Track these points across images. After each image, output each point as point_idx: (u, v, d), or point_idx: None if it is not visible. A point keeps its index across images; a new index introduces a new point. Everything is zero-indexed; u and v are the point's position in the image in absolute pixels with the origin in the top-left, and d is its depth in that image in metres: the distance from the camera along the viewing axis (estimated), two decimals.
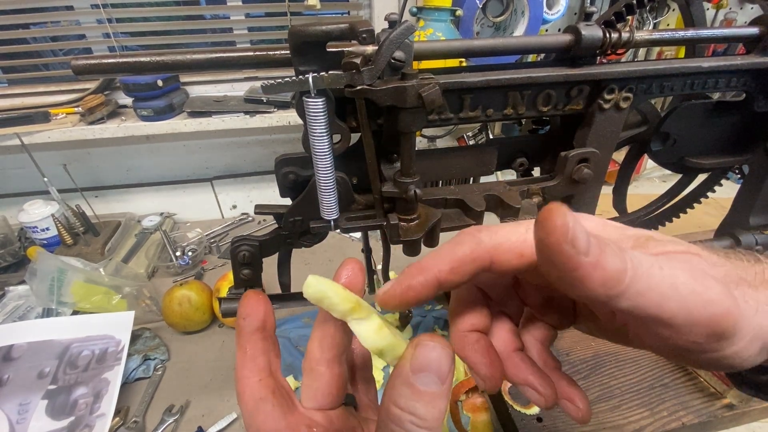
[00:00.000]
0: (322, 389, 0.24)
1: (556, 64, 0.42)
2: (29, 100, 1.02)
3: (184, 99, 1.02)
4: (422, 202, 0.46)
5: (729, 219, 0.60)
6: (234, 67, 0.37)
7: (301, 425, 0.22)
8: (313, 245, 0.46)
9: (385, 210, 0.44)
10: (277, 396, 0.22)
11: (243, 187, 1.16)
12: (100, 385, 0.58)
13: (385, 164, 0.44)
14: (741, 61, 0.44)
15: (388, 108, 0.36)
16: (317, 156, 0.36)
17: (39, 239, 0.91)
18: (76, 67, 0.34)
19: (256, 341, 0.23)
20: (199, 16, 1.09)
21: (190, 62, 0.35)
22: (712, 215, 1.00)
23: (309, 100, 0.34)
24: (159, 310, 0.74)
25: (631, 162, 0.58)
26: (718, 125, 0.52)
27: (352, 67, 0.33)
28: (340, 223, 0.43)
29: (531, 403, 0.57)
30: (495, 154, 0.48)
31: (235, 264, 0.46)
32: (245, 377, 0.22)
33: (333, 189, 0.39)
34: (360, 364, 0.28)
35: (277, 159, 0.42)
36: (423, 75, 0.35)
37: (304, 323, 0.73)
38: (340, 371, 0.24)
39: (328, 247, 0.95)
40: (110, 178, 1.11)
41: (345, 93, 0.35)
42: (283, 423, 0.22)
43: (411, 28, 0.33)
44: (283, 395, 0.23)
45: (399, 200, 0.42)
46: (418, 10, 0.91)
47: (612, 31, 0.40)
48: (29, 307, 0.75)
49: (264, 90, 0.33)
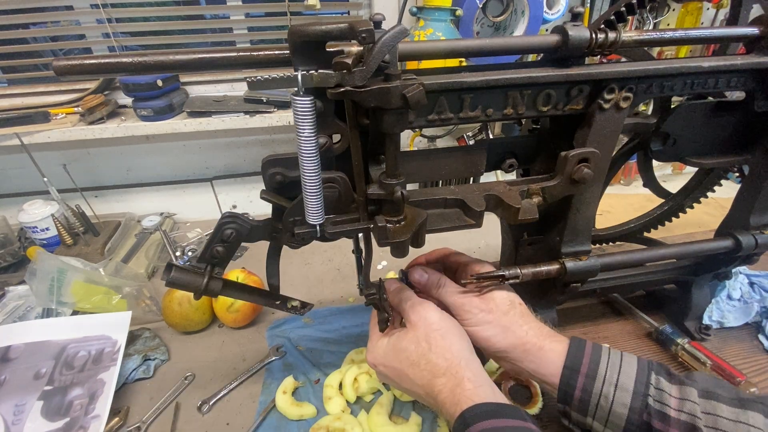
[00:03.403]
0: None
1: (556, 64, 0.42)
2: (29, 100, 1.02)
3: (184, 99, 1.02)
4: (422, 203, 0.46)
5: (729, 219, 0.60)
6: (233, 67, 0.36)
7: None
8: (298, 247, 0.46)
9: (370, 212, 0.43)
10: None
11: (243, 187, 1.16)
12: (95, 386, 0.58)
13: (373, 165, 0.44)
14: (741, 61, 0.44)
15: (374, 109, 0.36)
16: (303, 157, 0.36)
17: (39, 239, 0.91)
18: (57, 68, 0.34)
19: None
20: (199, 16, 1.09)
21: (173, 62, 0.35)
22: (712, 215, 1.00)
23: (297, 98, 0.34)
24: (159, 310, 0.74)
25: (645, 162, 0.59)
26: (718, 125, 0.52)
27: (343, 67, 0.33)
28: (326, 228, 0.43)
29: (531, 402, 0.57)
30: (484, 155, 0.48)
31: (215, 236, 0.45)
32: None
33: (319, 192, 0.39)
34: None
35: (264, 159, 0.42)
36: (406, 76, 0.35)
37: (304, 323, 0.73)
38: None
39: (328, 247, 0.95)
40: (110, 178, 1.11)
41: (328, 94, 0.35)
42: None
43: (404, 31, 0.33)
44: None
45: (385, 202, 0.41)
46: (418, 9, 0.91)
47: (599, 32, 0.40)
48: (29, 307, 0.75)
49: (250, 86, 0.33)
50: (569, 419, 0.46)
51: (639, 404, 0.41)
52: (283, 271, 0.52)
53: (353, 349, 0.66)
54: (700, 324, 0.66)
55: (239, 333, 0.72)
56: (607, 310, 0.72)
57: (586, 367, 0.43)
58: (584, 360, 0.43)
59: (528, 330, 0.47)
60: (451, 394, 0.41)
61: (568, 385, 0.43)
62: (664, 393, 0.41)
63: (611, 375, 0.42)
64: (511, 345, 0.46)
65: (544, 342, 0.46)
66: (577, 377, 0.43)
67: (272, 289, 0.54)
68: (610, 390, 0.41)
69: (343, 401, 0.58)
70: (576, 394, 0.43)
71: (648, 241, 0.72)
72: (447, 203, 0.47)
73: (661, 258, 0.60)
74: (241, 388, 0.62)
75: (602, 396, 0.42)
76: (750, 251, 0.57)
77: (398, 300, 0.49)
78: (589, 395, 0.42)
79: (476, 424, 0.37)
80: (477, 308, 0.47)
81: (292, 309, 0.56)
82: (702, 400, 0.40)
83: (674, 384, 0.41)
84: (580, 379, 0.43)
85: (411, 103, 0.34)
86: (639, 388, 0.41)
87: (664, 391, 0.41)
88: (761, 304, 0.67)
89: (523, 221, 0.45)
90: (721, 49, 0.54)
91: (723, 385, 0.42)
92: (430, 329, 0.44)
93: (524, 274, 0.50)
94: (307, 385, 0.61)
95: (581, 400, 0.43)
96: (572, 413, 0.44)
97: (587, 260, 0.52)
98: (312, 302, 0.57)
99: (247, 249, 0.96)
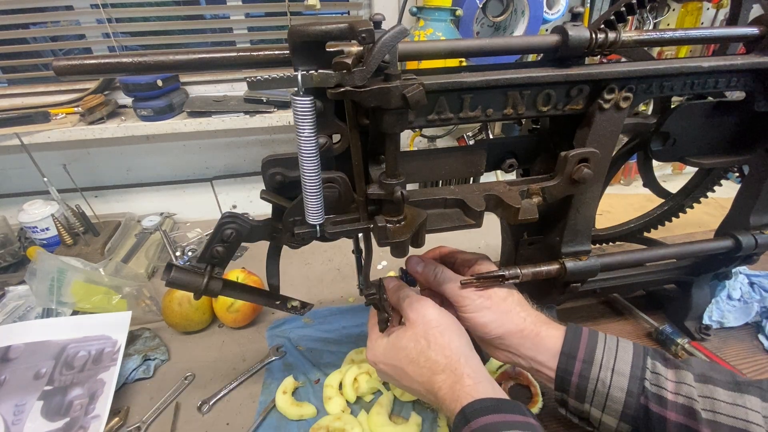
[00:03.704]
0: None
1: (556, 64, 0.42)
2: (29, 100, 1.02)
3: (184, 99, 1.02)
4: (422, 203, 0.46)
5: (729, 219, 0.60)
6: (234, 67, 0.36)
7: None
8: (298, 247, 0.46)
9: (370, 212, 0.43)
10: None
11: (243, 187, 1.16)
12: (95, 386, 0.58)
13: (373, 165, 0.44)
14: (741, 61, 0.44)
15: (374, 109, 0.35)
16: (303, 157, 0.36)
17: (39, 239, 0.91)
18: (57, 68, 0.34)
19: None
20: (199, 16, 1.09)
21: (173, 62, 0.35)
22: (712, 215, 1.00)
23: (297, 98, 0.33)
24: (159, 310, 0.74)
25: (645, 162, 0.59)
26: (718, 125, 0.52)
27: (343, 67, 0.33)
28: (326, 228, 0.43)
29: (531, 402, 0.57)
30: (484, 155, 0.48)
31: (215, 236, 0.45)
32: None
33: (319, 192, 0.39)
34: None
35: (264, 159, 0.42)
36: (406, 76, 0.35)
37: (304, 323, 0.73)
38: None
39: (328, 247, 0.95)
40: (110, 178, 1.11)
41: (328, 94, 0.35)
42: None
43: (404, 31, 0.33)
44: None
45: (385, 202, 0.41)
46: (418, 9, 0.91)
47: (599, 32, 0.40)
48: (29, 307, 0.75)
49: (250, 86, 0.33)
50: (566, 407, 0.46)
51: (636, 388, 0.41)
52: (283, 271, 0.53)
53: (353, 349, 0.66)
54: (700, 324, 0.66)
55: (239, 333, 0.72)
56: (607, 310, 0.72)
57: (582, 352, 0.43)
58: (581, 346, 0.44)
59: (525, 317, 0.47)
60: (451, 391, 0.41)
61: (566, 371, 0.43)
62: (660, 377, 0.41)
63: (608, 360, 0.42)
64: (509, 331, 0.46)
65: (541, 328, 0.46)
66: (575, 363, 0.43)
67: (272, 289, 0.54)
68: (607, 375, 0.42)
69: (343, 401, 0.58)
70: (573, 380, 0.43)
71: (648, 241, 0.72)
72: (447, 203, 0.47)
73: (661, 258, 0.60)
74: (241, 388, 0.62)
75: (599, 381, 0.42)
76: (750, 251, 0.57)
77: (397, 298, 0.49)
78: (587, 381, 0.42)
79: (476, 419, 0.37)
80: (475, 294, 0.48)
81: (292, 309, 0.56)
82: (698, 384, 0.40)
83: (670, 368, 0.42)
84: (578, 364, 0.43)
85: (411, 103, 0.34)
86: (635, 372, 0.41)
87: (660, 375, 0.41)
88: (761, 304, 0.67)
89: (523, 221, 0.45)
90: (721, 49, 0.54)
91: (718, 369, 0.42)
92: (428, 326, 0.45)
93: (524, 274, 0.50)
94: (307, 385, 0.61)
95: (578, 386, 0.43)
96: (569, 400, 0.44)
97: (587, 260, 0.52)
98: (312, 302, 0.57)
99: (247, 249, 0.96)
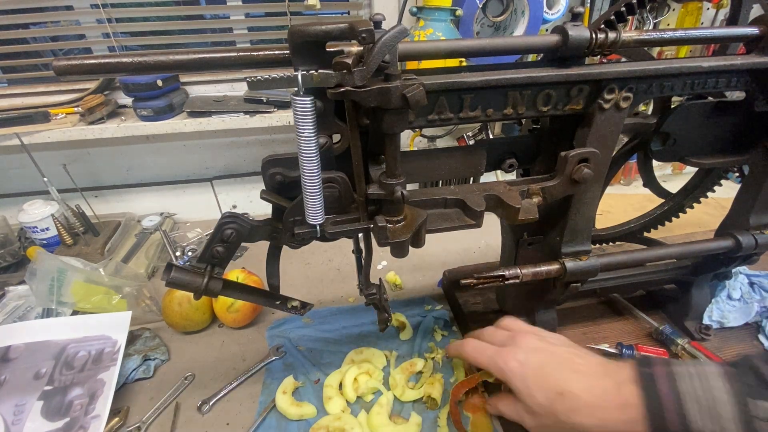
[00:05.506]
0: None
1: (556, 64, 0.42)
2: (29, 100, 1.02)
3: (184, 99, 1.02)
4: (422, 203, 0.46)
5: (729, 219, 0.60)
6: (233, 67, 0.36)
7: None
8: (298, 247, 0.46)
9: (370, 212, 0.43)
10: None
11: (243, 187, 1.16)
12: (95, 386, 0.58)
13: (373, 165, 0.44)
14: (741, 61, 0.44)
15: (374, 109, 0.35)
16: (303, 157, 0.36)
17: (39, 239, 0.91)
18: (57, 68, 0.34)
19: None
20: (199, 16, 1.09)
21: (173, 62, 0.35)
22: (712, 215, 1.00)
23: (297, 98, 0.33)
24: (159, 310, 0.74)
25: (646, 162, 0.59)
26: (718, 125, 0.52)
27: (343, 67, 0.33)
28: (326, 228, 0.43)
29: None
30: (484, 155, 0.48)
31: (215, 236, 0.45)
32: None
33: (319, 192, 0.39)
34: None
35: (264, 159, 0.42)
36: (406, 76, 0.35)
37: (304, 323, 0.73)
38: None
39: (328, 247, 0.95)
40: (110, 178, 1.10)
41: (328, 94, 0.35)
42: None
43: (404, 31, 0.33)
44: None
45: (385, 202, 0.41)
46: (418, 9, 0.91)
47: (599, 32, 0.40)
48: (29, 307, 0.75)
49: (250, 86, 0.33)
50: None
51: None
52: (283, 271, 0.52)
53: (353, 349, 0.66)
54: (700, 324, 0.66)
55: (239, 333, 0.72)
56: (607, 310, 0.72)
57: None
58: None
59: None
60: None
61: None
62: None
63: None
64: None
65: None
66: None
67: (272, 289, 0.54)
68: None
69: (343, 401, 0.58)
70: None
71: (648, 241, 0.72)
72: (447, 203, 0.47)
73: (661, 258, 0.60)
74: (241, 388, 0.62)
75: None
76: (750, 251, 0.57)
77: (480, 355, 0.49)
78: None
79: (655, 366, 0.38)
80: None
81: (292, 309, 0.56)
82: None
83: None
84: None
85: (411, 103, 0.34)
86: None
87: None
88: (761, 304, 0.67)
89: (523, 221, 0.45)
90: (721, 49, 0.54)
91: None
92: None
93: (524, 274, 0.50)
94: (307, 385, 0.61)
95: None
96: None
97: (587, 260, 0.52)
98: (312, 302, 0.57)
99: (247, 249, 0.96)
